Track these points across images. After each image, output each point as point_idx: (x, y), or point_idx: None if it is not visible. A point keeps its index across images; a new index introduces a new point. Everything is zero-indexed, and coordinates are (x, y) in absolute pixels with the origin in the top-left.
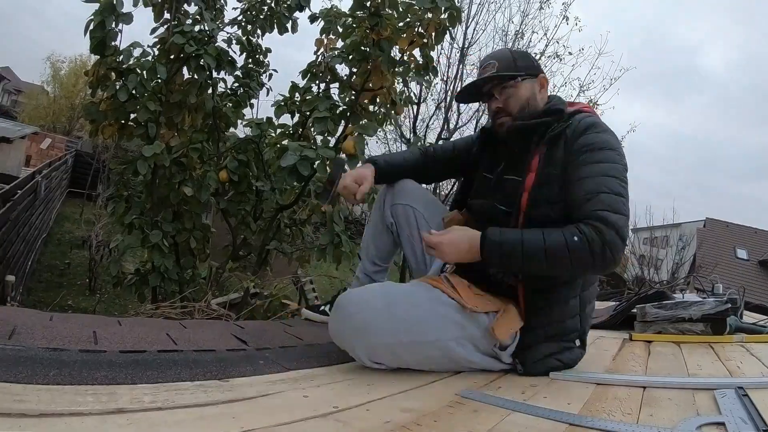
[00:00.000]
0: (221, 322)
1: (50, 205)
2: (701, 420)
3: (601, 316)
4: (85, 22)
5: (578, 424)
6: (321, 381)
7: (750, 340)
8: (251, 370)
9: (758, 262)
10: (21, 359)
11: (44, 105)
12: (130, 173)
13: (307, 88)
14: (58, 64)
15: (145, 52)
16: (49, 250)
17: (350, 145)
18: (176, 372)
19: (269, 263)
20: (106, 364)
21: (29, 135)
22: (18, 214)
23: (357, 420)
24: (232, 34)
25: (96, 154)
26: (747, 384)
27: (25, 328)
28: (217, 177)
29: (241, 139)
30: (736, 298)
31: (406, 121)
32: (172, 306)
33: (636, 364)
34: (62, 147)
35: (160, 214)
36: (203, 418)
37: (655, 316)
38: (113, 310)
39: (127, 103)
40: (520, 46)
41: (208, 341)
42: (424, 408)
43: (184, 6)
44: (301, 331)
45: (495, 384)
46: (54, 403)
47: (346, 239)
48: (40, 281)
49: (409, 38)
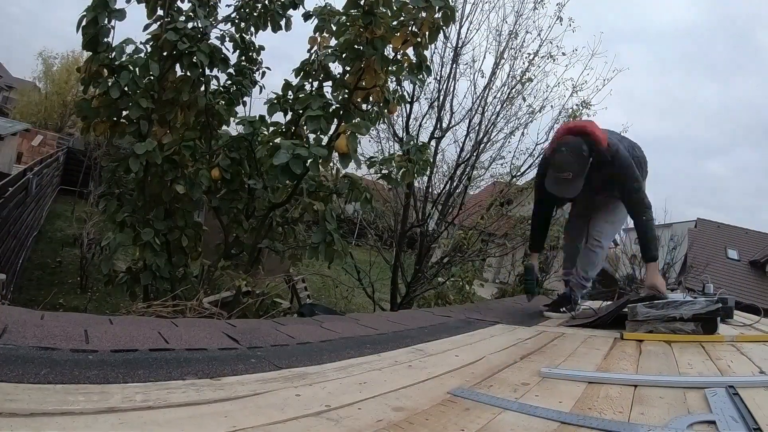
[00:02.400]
0: (213, 321)
1: (41, 202)
2: (692, 418)
3: (593, 316)
4: (78, 18)
5: (569, 423)
6: (313, 380)
7: (741, 340)
8: (243, 368)
9: (749, 262)
10: (12, 358)
11: (36, 101)
12: (122, 171)
13: (300, 86)
14: (50, 60)
15: (137, 49)
16: (40, 247)
17: (343, 143)
18: (168, 371)
19: (261, 261)
20: (98, 363)
21: (21, 132)
22: (9, 212)
23: (349, 419)
24: (226, 32)
25: (88, 152)
26: (737, 383)
27: (16, 326)
28: (210, 175)
29: (234, 137)
30: (726, 297)
31: (399, 119)
32: (164, 304)
33: (627, 362)
34: (54, 144)
35: (152, 211)
36: (195, 416)
37: (646, 315)
38: (105, 308)
39: (119, 100)
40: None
41: (199, 340)
42: (416, 406)
43: (177, 3)
44: (293, 330)
45: (486, 382)
46: (45, 403)
47: (338, 238)
48: (31, 279)
49: (403, 37)
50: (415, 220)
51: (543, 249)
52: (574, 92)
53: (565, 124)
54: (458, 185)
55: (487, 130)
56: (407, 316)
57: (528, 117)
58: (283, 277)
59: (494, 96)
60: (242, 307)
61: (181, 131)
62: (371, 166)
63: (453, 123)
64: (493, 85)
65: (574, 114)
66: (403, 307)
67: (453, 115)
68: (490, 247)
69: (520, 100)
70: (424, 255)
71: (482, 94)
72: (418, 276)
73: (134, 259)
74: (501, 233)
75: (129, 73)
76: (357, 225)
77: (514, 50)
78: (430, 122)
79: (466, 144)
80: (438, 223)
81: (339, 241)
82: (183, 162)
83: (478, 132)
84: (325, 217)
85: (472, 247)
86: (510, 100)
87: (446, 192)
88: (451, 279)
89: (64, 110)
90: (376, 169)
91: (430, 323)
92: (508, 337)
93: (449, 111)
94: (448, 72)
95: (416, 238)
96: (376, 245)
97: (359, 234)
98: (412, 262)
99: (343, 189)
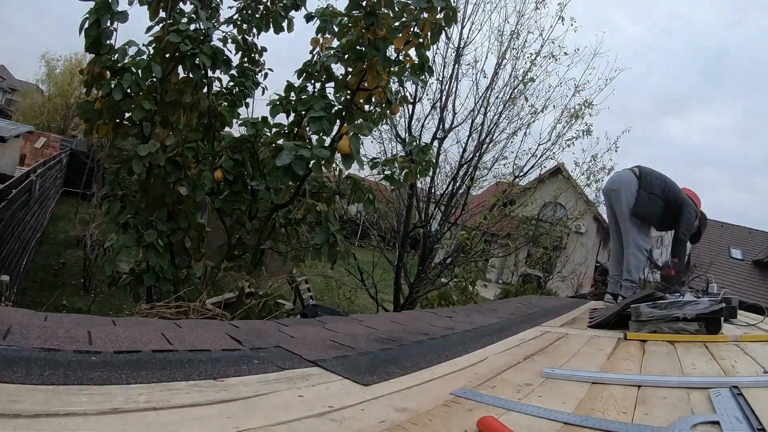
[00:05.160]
0: (216, 322)
1: (45, 204)
2: (696, 419)
3: (597, 316)
4: (81, 21)
5: (573, 423)
6: (316, 381)
7: (745, 339)
8: (246, 369)
9: (753, 262)
10: (16, 359)
11: (39, 104)
12: (125, 172)
13: (302, 88)
14: (53, 62)
15: (140, 51)
16: (43, 249)
17: (345, 144)
18: (171, 372)
19: (264, 263)
20: (101, 364)
21: (24, 134)
22: (12, 213)
23: (352, 419)
24: (228, 33)
25: (91, 153)
26: (741, 383)
27: (19, 328)
28: (213, 176)
29: (237, 139)
30: (730, 297)
31: (401, 120)
32: (167, 306)
33: (631, 363)
34: (57, 146)
35: (155, 213)
36: (198, 418)
37: (650, 315)
38: (108, 310)
39: (122, 102)
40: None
41: (203, 341)
42: (419, 407)
43: (179, 4)
44: (296, 331)
45: (490, 383)
46: (48, 404)
47: (341, 239)
48: (34, 281)
49: (405, 38)
50: (417, 221)
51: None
52: (576, 92)
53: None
54: (461, 186)
55: (489, 130)
56: (410, 316)
57: (530, 117)
58: (286, 278)
59: (496, 96)
60: (245, 308)
61: (183, 133)
62: (374, 167)
63: (455, 123)
64: (496, 86)
65: (577, 114)
66: (406, 307)
67: (455, 115)
68: (493, 248)
69: (523, 100)
70: (427, 256)
71: (484, 95)
72: (421, 277)
73: (137, 261)
74: (504, 234)
75: (132, 75)
76: (360, 226)
77: (516, 50)
78: (433, 123)
79: (468, 144)
80: (441, 223)
81: (342, 242)
82: (186, 163)
83: (481, 132)
84: (328, 218)
85: (475, 248)
86: (512, 100)
87: (449, 192)
88: (454, 280)
89: (67, 112)
90: (379, 169)
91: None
92: (512, 338)
93: (452, 111)
94: (451, 72)
95: (419, 238)
96: (379, 246)
97: (362, 235)
98: (415, 262)
99: (346, 190)
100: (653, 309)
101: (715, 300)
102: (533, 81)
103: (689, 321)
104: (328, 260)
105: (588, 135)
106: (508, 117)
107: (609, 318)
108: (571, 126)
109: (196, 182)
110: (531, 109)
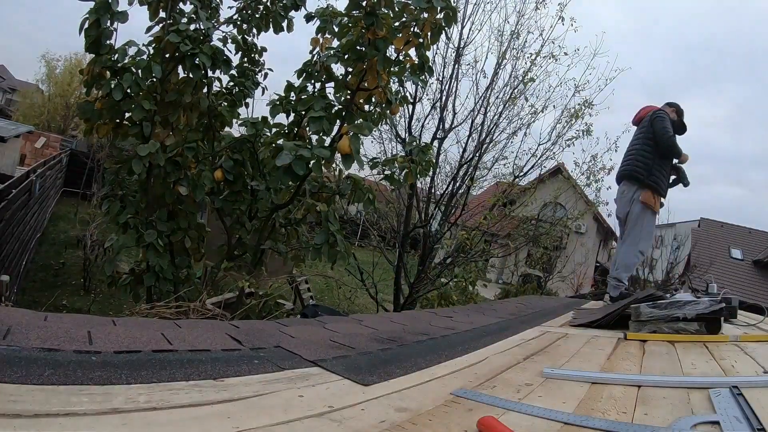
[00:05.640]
0: (216, 322)
1: (45, 204)
2: (696, 419)
3: (596, 316)
4: (80, 21)
5: (573, 423)
6: (316, 380)
7: (745, 340)
8: (246, 369)
9: (753, 261)
10: (15, 359)
11: (39, 104)
12: (124, 172)
13: (302, 88)
14: (53, 62)
15: (140, 51)
16: (43, 249)
17: (345, 144)
18: (171, 372)
19: (264, 263)
20: (101, 364)
21: (24, 134)
22: (12, 213)
23: (352, 419)
24: (228, 33)
25: (91, 153)
26: (741, 383)
27: (19, 328)
28: (213, 176)
29: (237, 139)
30: (730, 297)
31: (401, 120)
32: (167, 306)
33: (631, 363)
34: (57, 146)
35: (155, 213)
36: (198, 418)
37: (650, 315)
38: (108, 310)
39: (122, 102)
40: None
41: (203, 341)
42: (419, 407)
43: (179, 4)
44: (296, 331)
45: (490, 383)
46: (48, 404)
47: (341, 239)
48: (34, 281)
49: (405, 38)
50: (418, 221)
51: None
52: (576, 92)
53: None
54: (461, 186)
55: (489, 130)
56: (410, 316)
57: (530, 117)
58: (286, 278)
59: (497, 96)
60: (245, 308)
61: (183, 133)
62: (374, 167)
63: (455, 123)
64: (496, 86)
65: (577, 114)
66: (406, 307)
67: (455, 115)
68: (493, 248)
69: (523, 100)
70: (427, 256)
71: (484, 95)
72: (421, 277)
73: (137, 261)
74: (504, 234)
75: (131, 75)
76: (360, 226)
77: (516, 50)
78: (433, 123)
79: (468, 144)
80: (441, 223)
81: (342, 242)
82: (186, 163)
83: (481, 132)
84: (328, 218)
85: (475, 248)
86: (512, 101)
87: (449, 192)
88: (454, 280)
89: (67, 112)
90: (379, 169)
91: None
92: (512, 338)
93: (452, 111)
94: (451, 72)
95: (419, 238)
96: (379, 246)
97: (362, 235)
98: (415, 262)
99: (346, 190)
100: (653, 309)
101: (715, 300)
102: (533, 81)
103: (689, 321)
104: (328, 260)
105: (588, 135)
106: (508, 117)
107: (609, 318)
108: (571, 126)
109: (196, 182)
110: (531, 109)
